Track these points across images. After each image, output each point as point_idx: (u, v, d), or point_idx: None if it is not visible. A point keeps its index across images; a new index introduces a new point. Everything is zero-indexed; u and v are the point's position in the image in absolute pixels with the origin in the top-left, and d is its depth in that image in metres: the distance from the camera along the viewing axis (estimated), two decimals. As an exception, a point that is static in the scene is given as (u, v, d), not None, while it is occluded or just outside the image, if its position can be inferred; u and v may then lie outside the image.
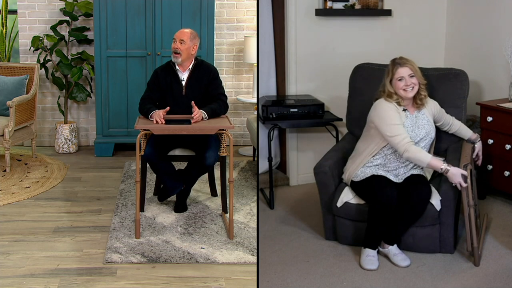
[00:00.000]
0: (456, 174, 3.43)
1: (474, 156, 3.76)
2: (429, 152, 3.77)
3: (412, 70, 3.65)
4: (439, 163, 3.50)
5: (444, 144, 3.96)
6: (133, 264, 3.70)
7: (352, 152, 3.90)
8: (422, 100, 3.71)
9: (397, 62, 3.68)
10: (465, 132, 3.92)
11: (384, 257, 3.63)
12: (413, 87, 3.65)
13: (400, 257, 3.57)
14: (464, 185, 3.43)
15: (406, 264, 3.55)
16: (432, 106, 3.80)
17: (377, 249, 3.59)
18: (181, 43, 4.40)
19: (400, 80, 3.64)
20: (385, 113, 3.64)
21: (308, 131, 4.92)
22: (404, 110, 3.70)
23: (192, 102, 4.25)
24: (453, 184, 3.47)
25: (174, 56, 4.42)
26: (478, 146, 3.84)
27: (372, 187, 3.58)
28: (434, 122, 3.82)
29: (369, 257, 3.54)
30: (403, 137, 3.55)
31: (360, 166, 3.71)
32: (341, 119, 4.55)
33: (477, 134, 3.92)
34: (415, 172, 3.71)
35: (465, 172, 3.43)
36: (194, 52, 4.48)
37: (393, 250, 3.60)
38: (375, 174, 3.65)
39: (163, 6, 5.78)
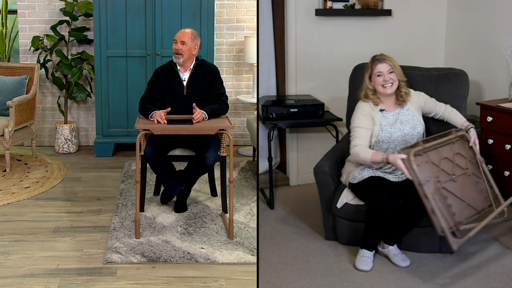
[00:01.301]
0: (394, 161, 3.37)
1: (471, 144, 3.63)
2: None
3: (391, 66, 3.66)
4: (379, 155, 3.49)
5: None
6: (133, 264, 3.70)
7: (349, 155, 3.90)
8: (404, 96, 3.72)
9: (377, 59, 3.70)
10: (457, 118, 3.79)
11: (384, 257, 3.63)
12: (392, 84, 3.66)
13: (400, 257, 3.57)
14: (405, 171, 3.31)
15: (406, 265, 3.54)
16: (416, 100, 3.78)
17: (373, 251, 3.58)
18: (182, 44, 4.39)
19: (378, 75, 3.67)
20: (355, 115, 3.72)
21: (308, 131, 4.92)
22: (381, 110, 3.70)
23: (194, 104, 4.25)
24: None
25: (176, 57, 4.42)
26: (472, 133, 3.67)
27: (369, 188, 3.58)
28: (426, 114, 3.82)
29: (364, 257, 3.54)
30: (354, 140, 3.62)
31: (358, 169, 3.71)
32: (341, 119, 4.55)
33: (469, 123, 3.79)
34: None
35: (403, 156, 3.33)
36: (195, 52, 4.48)
37: (393, 250, 3.60)
38: (373, 175, 3.65)
39: (163, 6, 5.78)
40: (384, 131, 3.66)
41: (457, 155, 3.51)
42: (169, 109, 4.27)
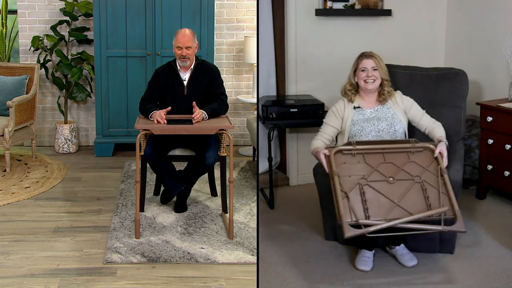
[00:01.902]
0: (318, 155, 3.57)
1: (435, 155, 3.52)
2: None
3: (376, 63, 3.73)
4: (315, 150, 3.66)
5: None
6: (133, 264, 3.70)
7: None
8: (386, 95, 3.77)
9: (364, 54, 3.78)
10: (436, 132, 3.72)
11: (384, 258, 3.63)
12: (374, 80, 3.71)
13: (408, 257, 3.57)
14: (324, 164, 3.51)
15: (413, 264, 3.53)
16: (401, 101, 3.80)
17: (373, 251, 3.58)
18: (188, 49, 4.40)
19: (362, 70, 3.74)
20: (328, 111, 3.88)
21: (308, 131, 4.92)
22: (356, 107, 3.75)
23: (194, 103, 4.26)
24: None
25: (183, 61, 4.42)
26: (440, 146, 3.55)
27: None
28: (410, 121, 3.81)
29: (364, 257, 3.54)
30: (317, 134, 3.81)
31: None
32: (341, 119, 4.55)
33: (445, 139, 3.67)
34: None
35: (326, 152, 3.52)
36: (197, 51, 4.50)
37: (400, 250, 3.60)
38: None
39: (163, 6, 5.78)
40: (356, 125, 3.72)
41: (411, 163, 3.49)
42: (169, 108, 4.27)
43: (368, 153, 3.51)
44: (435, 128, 3.75)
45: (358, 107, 3.77)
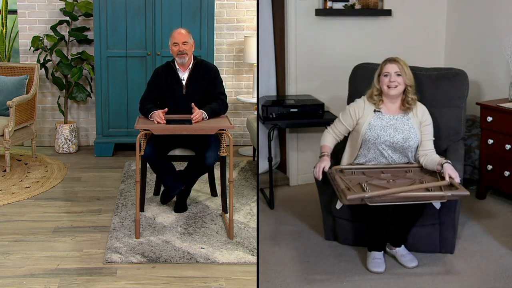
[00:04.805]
0: (318, 166, 3.65)
1: (447, 179, 3.41)
2: (413, 156, 3.72)
3: (399, 68, 3.62)
4: (321, 150, 3.78)
5: (443, 143, 3.96)
6: (133, 264, 3.70)
7: None
8: (410, 102, 3.66)
9: (388, 59, 3.69)
10: (436, 158, 3.59)
11: (385, 258, 3.63)
12: (396, 86, 3.62)
13: (408, 258, 3.57)
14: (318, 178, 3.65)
15: (413, 265, 3.53)
16: (421, 113, 3.70)
17: (382, 251, 3.58)
18: (184, 44, 4.42)
19: (385, 76, 3.64)
20: (347, 106, 3.84)
21: (308, 131, 4.92)
22: (376, 111, 3.68)
23: (192, 103, 4.26)
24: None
25: (181, 57, 4.43)
26: (446, 167, 3.45)
27: None
28: None
29: (376, 259, 3.53)
30: (333, 124, 3.85)
31: None
32: (341, 119, 4.55)
33: (443, 158, 3.59)
34: None
35: (327, 170, 3.63)
36: (193, 49, 4.51)
37: (400, 251, 3.60)
38: None
39: (163, 6, 5.78)
40: (372, 130, 3.64)
41: (410, 173, 3.62)
42: (167, 109, 4.28)
43: (370, 170, 3.64)
44: (435, 154, 3.64)
45: (379, 111, 3.68)
